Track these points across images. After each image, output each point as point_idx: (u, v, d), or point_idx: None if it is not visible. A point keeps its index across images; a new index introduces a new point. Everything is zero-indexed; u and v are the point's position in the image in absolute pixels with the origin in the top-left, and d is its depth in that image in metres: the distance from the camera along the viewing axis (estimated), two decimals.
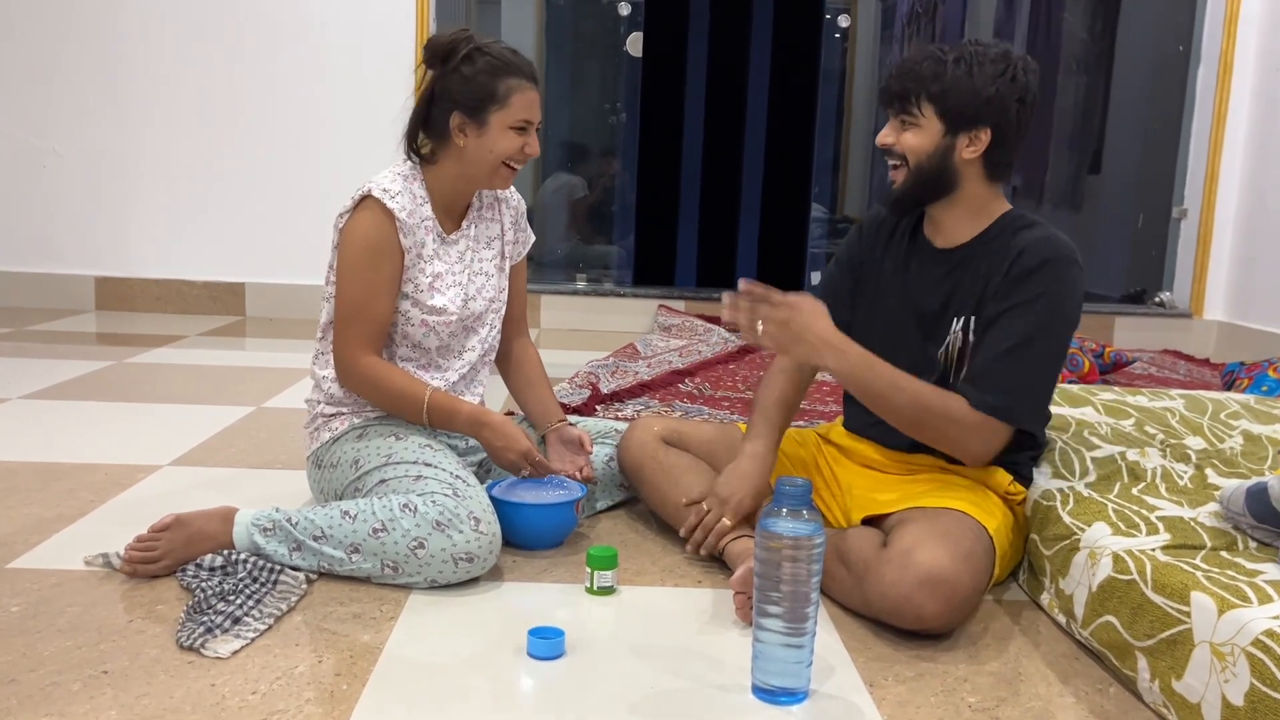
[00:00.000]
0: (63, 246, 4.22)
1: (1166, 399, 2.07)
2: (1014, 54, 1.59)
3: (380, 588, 1.57)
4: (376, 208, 1.71)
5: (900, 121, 1.61)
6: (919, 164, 1.60)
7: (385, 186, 1.73)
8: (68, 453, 2.22)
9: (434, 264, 1.79)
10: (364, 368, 1.72)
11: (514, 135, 1.74)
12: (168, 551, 1.57)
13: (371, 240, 1.71)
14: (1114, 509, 1.54)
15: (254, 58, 4.14)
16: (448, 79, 1.73)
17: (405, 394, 1.73)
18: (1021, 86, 1.57)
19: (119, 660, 1.31)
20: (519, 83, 1.72)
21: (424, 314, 1.77)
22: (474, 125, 1.73)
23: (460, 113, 1.73)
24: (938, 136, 1.59)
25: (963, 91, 1.56)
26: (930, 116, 1.58)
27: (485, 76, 1.71)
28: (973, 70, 1.56)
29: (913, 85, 1.59)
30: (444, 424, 1.75)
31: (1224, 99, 4.27)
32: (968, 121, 1.58)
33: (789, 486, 1.24)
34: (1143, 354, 4.03)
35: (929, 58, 1.59)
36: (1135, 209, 4.87)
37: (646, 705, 1.26)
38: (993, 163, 1.61)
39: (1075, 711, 1.30)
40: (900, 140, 1.61)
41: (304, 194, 4.20)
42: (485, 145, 1.74)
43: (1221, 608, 1.19)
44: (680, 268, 5.64)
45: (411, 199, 1.75)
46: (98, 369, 3.10)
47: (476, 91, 1.71)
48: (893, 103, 1.62)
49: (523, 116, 1.74)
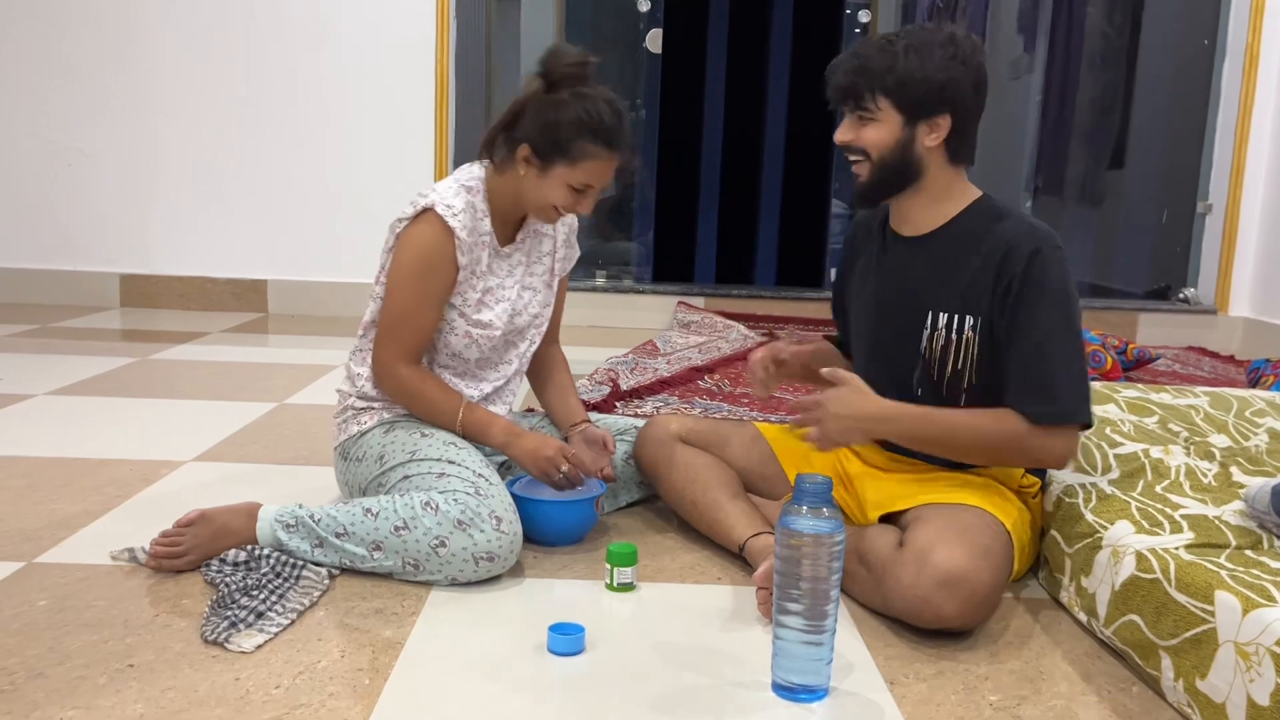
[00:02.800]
0: (87, 244, 4.26)
1: (1191, 396, 2.05)
2: (959, 35, 1.57)
3: (402, 583, 1.58)
4: (438, 223, 1.70)
5: (857, 117, 1.60)
6: (882, 158, 1.59)
7: (449, 202, 1.71)
8: (93, 449, 2.24)
9: (487, 279, 1.79)
10: (401, 377, 1.73)
11: (571, 192, 1.71)
12: (192, 547, 1.58)
13: (428, 254, 1.71)
14: (1137, 507, 1.53)
15: (276, 56, 4.17)
16: (539, 109, 1.69)
17: (439, 407, 1.74)
18: (974, 68, 1.57)
19: (144, 654, 1.33)
20: (598, 150, 1.67)
21: (469, 326, 1.77)
22: (538, 166, 1.70)
23: (530, 148, 1.70)
24: (898, 128, 1.58)
25: (918, 80, 1.55)
26: (887, 109, 1.57)
27: (569, 129, 1.66)
28: (924, 57, 1.55)
29: (863, 79, 1.57)
30: (477, 438, 1.75)
31: (1250, 93, 4.22)
32: (927, 110, 1.57)
33: (809, 484, 1.24)
34: (1166, 351, 3.99)
35: (878, 49, 1.57)
36: (1159, 204, 4.82)
37: (666, 702, 1.26)
38: (954, 147, 1.60)
39: (1098, 710, 1.29)
40: (860, 136, 1.60)
41: (326, 191, 4.22)
42: (540, 188, 1.71)
43: (1246, 607, 1.18)
44: (700, 264, 5.63)
45: (473, 214, 1.74)
46: (122, 365, 3.13)
47: (553, 139, 1.68)
48: (845, 99, 1.60)
49: (586, 181, 1.70)
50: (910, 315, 1.64)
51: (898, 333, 1.66)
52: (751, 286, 4.92)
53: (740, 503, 1.74)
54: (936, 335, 1.62)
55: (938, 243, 1.64)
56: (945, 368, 1.62)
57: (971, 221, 1.62)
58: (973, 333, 1.59)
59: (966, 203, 1.64)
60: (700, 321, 4.13)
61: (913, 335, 1.64)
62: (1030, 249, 1.54)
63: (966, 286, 1.59)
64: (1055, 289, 1.53)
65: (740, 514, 1.71)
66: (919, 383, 1.65)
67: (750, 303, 4.47)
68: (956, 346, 1.61)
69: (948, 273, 1.61)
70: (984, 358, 1.59)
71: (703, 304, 4.44)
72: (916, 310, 1.64)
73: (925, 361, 1.63)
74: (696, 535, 1.81)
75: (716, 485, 1.76)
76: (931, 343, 1.62)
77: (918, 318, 1.63)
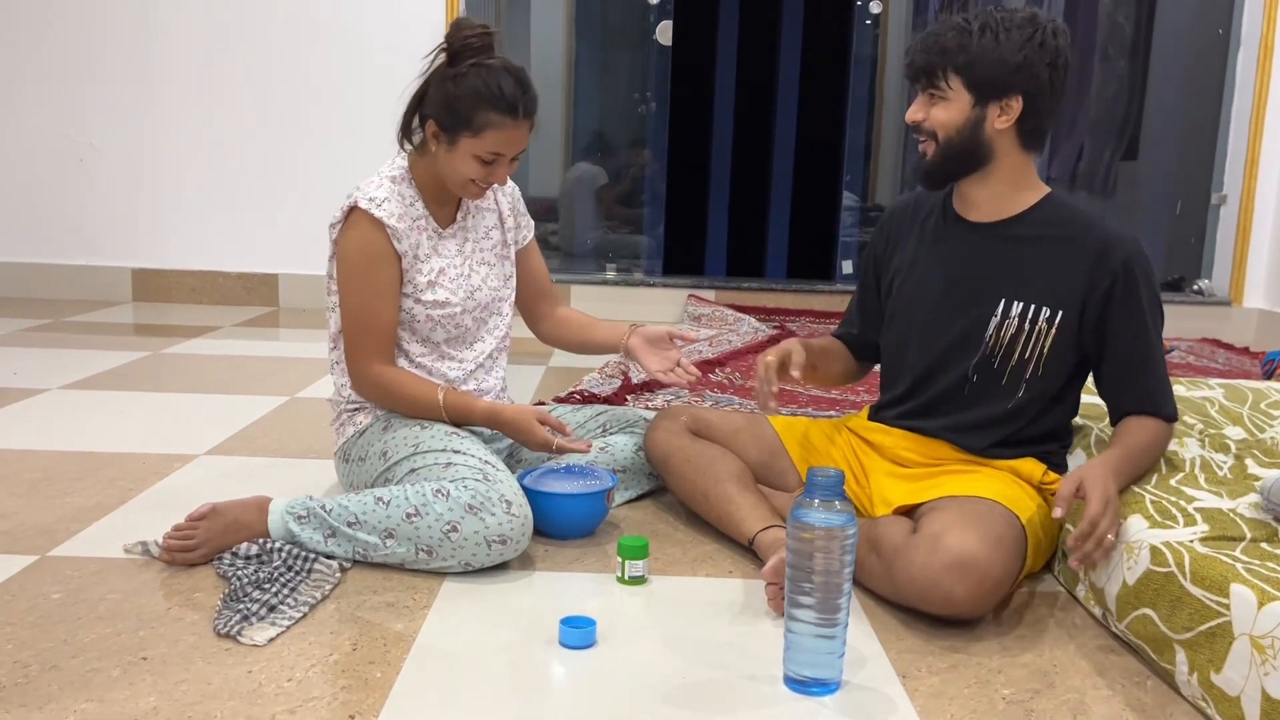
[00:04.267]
0: (100, 239, 4.27)
1: (1205, 388, 2.03)
2: (1041, 17, 1.57)
3: (413, 576, 1.58)
4: (365, 219, 1.70)
5: (929, 96, 1.60)
6: (949, 138, 1.59)
7: (371, 195, 1.71)
8: (106, 442, 2.25)
9: (432, 260, 1.78)
10: (376, 377, 1.74)
11: (479, 164, 1.70)
12: (205, 540, 1.59)
13: (365, 252, 1.71)
14: (1151, 500, 1.52)
15: (288, 54, 4.17)
16: (440, 84, 1.70)
17: (419, 398, 1.74)
18: (1051, 50, 1.56)
19: (158, 647, 1.33)
20: (500, 118, 1.66)
21: (427, 309, 1.78)
22: (445, 140, 1.70)
23: (435, 124, 1.70)
24: (967, 108, 1.58)
25: (990, 61, 1.54)
26: (958, 89, 1.57)
27: (468, 100, 1.66)
28: (999, 37, 1.54)
29: (938, 58, 1.57)
30: (462, 420, 1.75)
31: (1264, 83, 4.18)
32: (997, 91, 1.56)
33: (821, 477, 1.24)
34: (1181, 342, 3.97)
35: (953, 28, 1.57)
36: (1173, 195, 4.79)
37: (678, 695, 1.26)
38: (1027, 130, 1.59)
39: (1111, 704, 1.29)
40: (929, 115, 1.60)
41: (337, 185, 4.20)
42: (451, 162, 1.71)
43: (1262, 600, 1.17)
44: (710, 257, 5.62)
45: (401, 201, 1.74)
46: (134, 360, 3.14)
47: (454, 113, 1.67)
48: (919, 78, 1.60)
49: (492, 150, 1.69)
50: (978, 301, 1.64)
51: (961, 317, 1.66)
52: (762, 279, 4.91)
53: (750, 495, 1.73)
54: (1007, 323, 1.62)
55: (1015, 231, 1.64)
56: (1011, 357, 1.63)
57: (1052, 215, 1.63)
58: (1047, 325, 1.60)
59: (1039, 195, 1.65)
60: (711, 314, 4.12)
61: (979, 321, 1.64)
62: (1127, 252, 1.58)
63: (1051, 279, 1.60)
64: (1155, 294, 1.60)
65: (750, 507, 1.71)
66: (976, 369, 1.65)
67: (761, 295, 4.45)
68: (1027, 336, 1.61)
69: (1028, 263, 1.62)
70: (1055, 350, 1.61)
71: (713, 297, 4.43)
72: (987, 296, 1.64)
73: (989, 348, 1.64)
74: (707, 528, 1.81)
75: (726, 478, 1.76)
76: (1000, 330, 1.63)
77: (988, 304, 1.64)
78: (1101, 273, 1.57)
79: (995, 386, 1.64)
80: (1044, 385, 1.63)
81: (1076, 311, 1.59)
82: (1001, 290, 1.63)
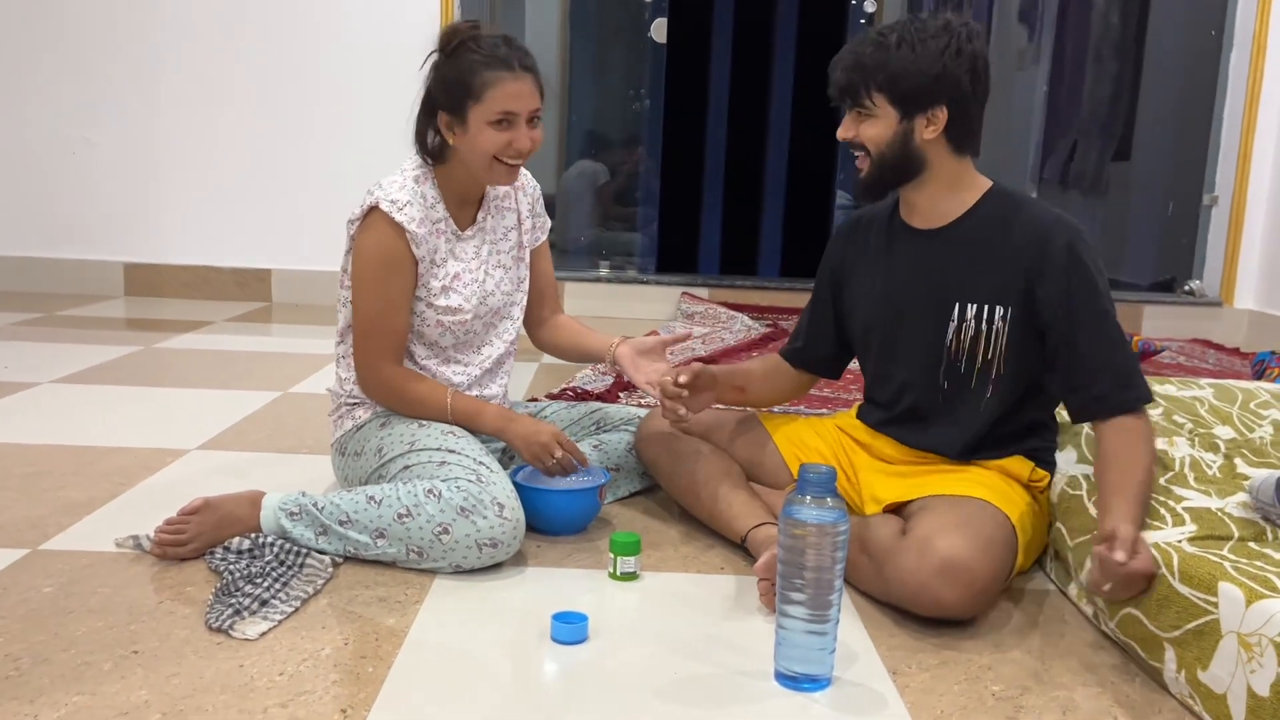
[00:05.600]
0: (92, 233, 4.26)
1: (1195, 388, 2.04)
2: (955, 23, 1.56)
3: (405, 572, 1.58)
4: (385, 221, 1.69)
5: (856, 114, 1.60)
6: (880, 153, 1.60)
7: (394, 197, 1.70)
8: (98, 437, 2.25)
9: (449, 265, 1.78)
10: (386, 379, 1.74)
11: (496, 131, 1.67)
12: (197, 534, 1.59)
13: (383, 255, 1.70)
14: None
15: (283, 49, 4.16)
16: (437, 75, 1.70)
17: (427, 401, 1.74)
18: (969, 56, 1.55)
19: (149, 641, 1.33)
20: (495, 75, 1.64)
21: (438, 314, 1.77)
22: (458, 123, 1.68)
23: (445, 111, 1.69)
24: (894, 123, 1.58)
25: (910, 74, 1.54)
26: (883, 104, 1.57)
27: (465, 72, 1.65)
28: (915, 49, 1.54)
29: (858, 76, 1.57)
30: (468, 425, 1.75)
31: (1257, 84, 4.20)
32: (921, 103, 1.56)
33: (813, 474, 1.24)
34: (1171, 343, 3.98)
35: (871, 44, 1.57)
36: (1165, 195, 4.80)
37: (670, 690, 1.27)
38: (956, 136, 1.59)
39: (1099, 702, 1.29)
40: (859, 133, 1.60)
41: (330, 181, 4.22)
42: (469, 144, 1.69)
43: (1250, 598, 1.18)
44: (704, 255, 5.62)
45: (422, 204, 1.73)
46: (127, 354, 3.13)
47: (455, 89, 1.66)
48: (843, 97, 1.60)
49: (501, 109, 1.65)
50: (934, 309, 1.64)
51: (920, 327, 1.65)
52: (755, 277, 4.91)
53: (742, 493, 1.74)
54: (965, 327, 1.61)
55: (957, 234, 1.63)
56: (975, 360, 1.62)
57: (990, 211, 1.62)
58: (1003, 323, 1.60)
59: (980, 192, 1.64)
60: (704, 312, 4.12)
61: (938, 329, 1.63)
62: (1066, 239, 1.55)
63: (995, 276, 1.59)
64: (1100, 279, 1.56)
65: (742, 504, 1.71)
66: (945, 376, 1.64)
67: (754, 293, 4.46)
68: (986, 337, 1.61)
69: (972, 264, 1.61)
70: (1014, 347, 1.60)
71: (706, 295, 4.43)
72: (941, 303, 1.63)
73: (952, 355, 1.63)
74: (699, 525, 1.81)
75: (718, 475, 1.76)
76: (959, 335, 1.62)
77: (943, 311, 1.63)
78: (1041, 263, 1.55)
79: (966, 391, 1.64)
80: (1012, 382, 1.62)
81: (1025, 304, 1.58)
82: (954, 295, 1.62)
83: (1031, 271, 1.56)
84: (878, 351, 1.74)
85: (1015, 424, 1.65)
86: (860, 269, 1.76)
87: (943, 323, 1.63)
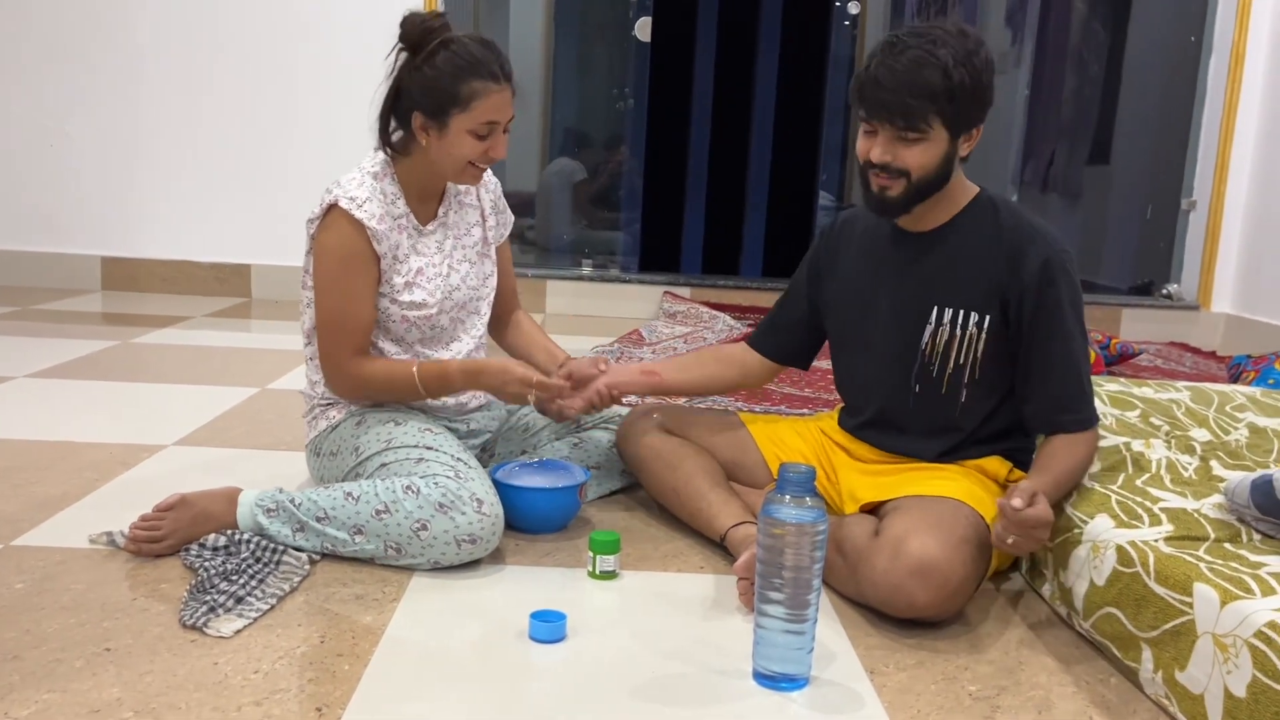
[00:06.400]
0: (70, 226, 4.22)
1: (1172, 391, 2.06)
2: (970, 32, 1.52)
3: (383, 569, 1.57)
4: (344, 219, 1.67)
5: (899, 136, 1.51)
6: (923, 177, 1.54)
7: (352, 195, 1.68)
8: (73, 432, 2.22)
9: (411, 260, 1.76)
10: (350, 372, 1.71)
11: (475, 140, 1.67)
12: (172, 531, 1.57)
13: (344, 252, 1.68)
14: (1117, 500, 1.54)
15: (264, 45, 4.13)
16: (413, 75, 1.66)
17: (395, 377, 1.72)
18: (992, 72, 1.53)
19: (122, 638, 1.32)
20: (483, 85, 1.63)
21: (403, 310, 1.75)
22: (435, 127, 1.67)
23: (421, 113, 1.67)
24: (945, 146, 1.53)
25: (968, 96, 1.50)
26: (939, 128, 1.51)
27: (448, 78, 1.63)
28: (970, 71, 1.49)
29: (921, 102, 1.48)
30: (441, 388, 1.73)
31: (1235, 90, 4.23)
32: (971, 123, 1.55)
33: (793, 473, 1.24)
34: (1149, 346, 4.01)
35: (929, 65, 1.47)
36: (1144, 200, 4.84)
37: (648, 689, 1.26)
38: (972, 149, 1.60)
39: (1076, 701, 1.30)
40: (899, 156, 1.53)
41: (309, 177, 4.16)
42: (446, 148, 1.68)
43: (1224, 599, 1.18)
44: (686, 255, 5.62)
45: (382, 200, 1.71)
46: (103, 349, 3.10)
47: (438, 94, 1.64)
48: (893, 119, 1.50)
49: (486, 120, 1.65)
50: (915, 311, 1.64)
51: (901, 328, 1.66)
52: (737, 277, 4.91)
53: (722, 492, 1.74)
54: (941, 330, 1.62)
55: (944, 238, 1.63)
56: (948, 364, 1.62)
57: (976, 217, 1.62)
58: (977, 329, 1.60)
59: (968, 197, 1.64)
60: (686, 312, 4.12)
61: (914, 331, 1.64)
62: (1045, 254, 1.56)
63: (973, 283, 1.60)
64: (1075, 297, 1.58)
65: (722, 503, 1.71)
66: (917, 379, 1.65)
67: (736, 293, 4.46)
68: (960, 342, 1.61)
69: (953, 269, 1.62)
70: (989, 354, 1.61)
71: (689, 294, 4.43)
72: (922, 305, 1.63)
73: (925, 357, 1.64)
74: (679, 524, 1.81)
75: (699, 474, 1.76)
76: (934, 338, 1.62)
77: (922, 313, 1.63)
78: (1019, 276, 1.56)
79: (937, 394, 1.64)
80: (984, 388, 1.63)
81: (1001, 313, 1.59)
82: (934, 298, 1.62)
83: (1006, 281, 1.58)
84: (853, 349, 1.75)
85: (990, 428, 1.66)
86: (844, 266, 1.77)
87: (920, 325, 1.64)
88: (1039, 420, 1.62)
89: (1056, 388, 1.58)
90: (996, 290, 1.58)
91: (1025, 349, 1.59)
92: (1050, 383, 1.59)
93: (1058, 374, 1.58)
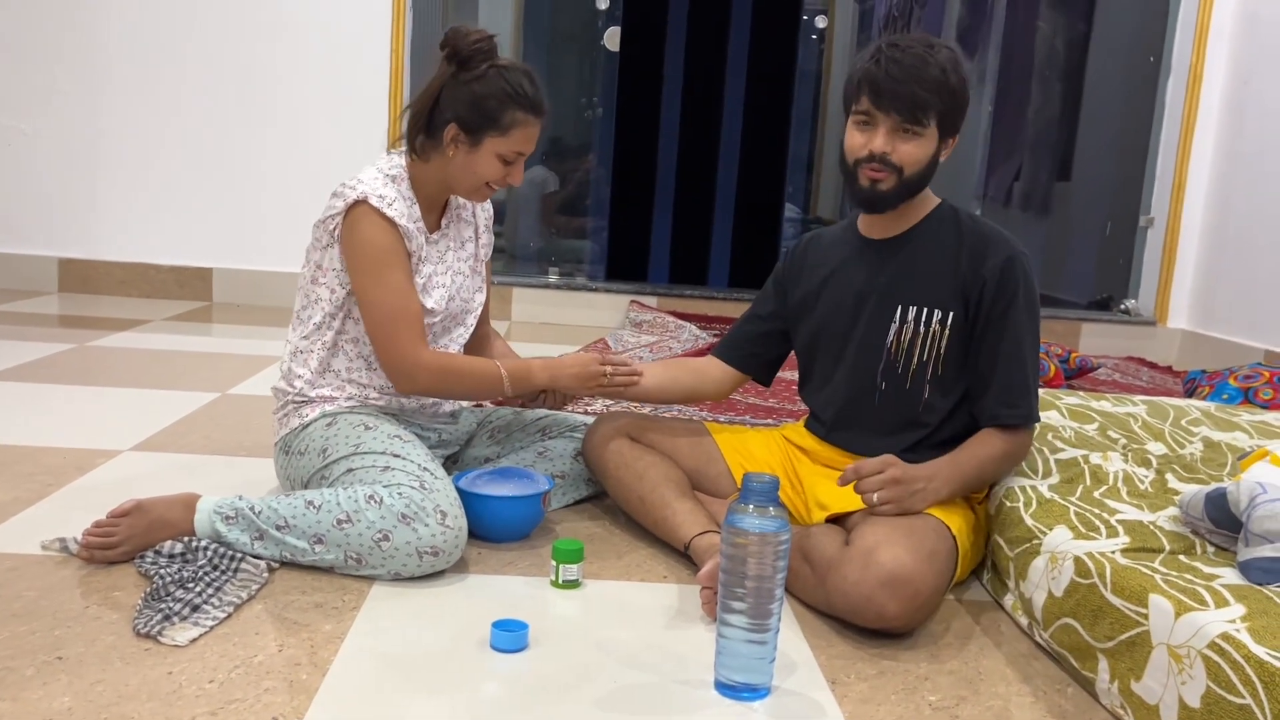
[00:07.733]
0: (26, 227, 4.14)
1: (1129, 404, 2.09)
2: (951, 46, 1.63)
3: (343, 577, 1.56)
4: (376, 215, 1.68)
5: (902, 130, 1.59)
6: (914, 173, 1.63)
7: (380, 193, 1.69)
8: (26, 436, 2.18)
9: (424, 266, 1.78)
10: (428, 363, 1.71)
11: (501, 164, 1.73)
12: (127, 537, 1.54)
13: (384, 244, 1.69)
14: (1075, 512, 1.56)
15: (228, 42, 4.09)
16: (458, 88, 1.70)
17: (482, 374, 1.76)
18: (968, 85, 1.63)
19: (74, 646, 1.29)
20: (525, 116, 1.71)
21: None
22: (467, 142, 1.71)
23: (458, 126, 1.70)
24: (934, 145, 1.63)
25: (960, 101, 1.61)
26: (933, 126, 1.61)
27: (494, 101, 1.69)
28: (959, 76, 1.60)
29: (934, 98, 1.57)
30: (523, 386, 1.78)
31: (1192, 110, 4.32)
32: (955, 128, 1.63)
33: (756, 483, 1.24)
34: (1107, 360, 4.07)
35: (931, 64, 1.57)
36: (1104, 216, 4.92)
37: (610, 699, 1.26)
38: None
39: (1033, 711, 1.31)
40: (897, 149, 1.60)
41: (274, 180, 4.15)
42: (471, 165, 1.72)
43: (1179, 610, 1.20)
44: (653, 264, 5.63)
45: (403, 202, 1.73)
46: (59, 351, 3.05)
47: (480, 113, 1.69)
48: (903, 111, 1.58)
49: (516, 149, 1.73)
50: (880, 311, 1.70)
51: (867, 329, 1.71)
52: (704, 287, 4.93)
53: (687, 501, 1.74)
54: (905, 328, 1.67)
55: (909, 243, 1.70)
56: (911, 360, 1.68)
57: (938, 224, 1.70)
58: (940, 327, 1.66)
59: (931, 206, 1.72)
60: (652, 321, 4.13)
61: (880, 331, 1.69)
62: (1005, 255, 1.63)
63: (937, 283, 1.66)
64: (1031, 298, 1.64)
65: (686, 512, 1.71)
66: (883, 376, 1.70)
67: (703, 303, 4.48)
68: (924, 339, 1.66)
69: (918, 270, 1.68)
70: (951, 351, 1.66)
71: (655, 304, 4.44)
72: (886, 306, 1.69)
73: (891, 355, 1.68)
74: (643, 533, 1.81)
75: (663, 483, 1.76)
76: (899, 336, 1.68)
77: (887, 313, 1.69)
78: (979, 275, 1.63)
79: (902, 392, 1.70)
80: (946, 386, 1.68)
81: (963, 308, 1.65)
82: (899, 297, 1.69)
83: (969, 278, 1.64)
84: (823, 351, 1.79)
85: (951, 428, 1.70)
86: (811, 276, 1.82)
87: (885, 324, 1.69)
88: (984, 414, 1.66)
89: (1002, 380, 1.64)
90: (959, 287, 1.65)
91: (978, 340, 1.65)
92: (996, 375, 1.64)
93: (1004, 367, 1.63)
